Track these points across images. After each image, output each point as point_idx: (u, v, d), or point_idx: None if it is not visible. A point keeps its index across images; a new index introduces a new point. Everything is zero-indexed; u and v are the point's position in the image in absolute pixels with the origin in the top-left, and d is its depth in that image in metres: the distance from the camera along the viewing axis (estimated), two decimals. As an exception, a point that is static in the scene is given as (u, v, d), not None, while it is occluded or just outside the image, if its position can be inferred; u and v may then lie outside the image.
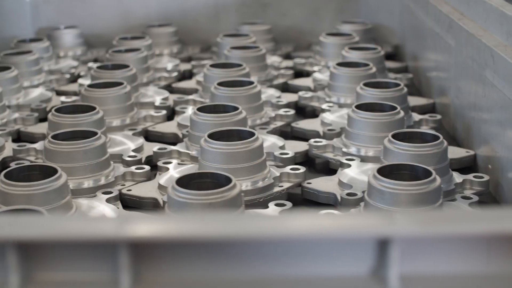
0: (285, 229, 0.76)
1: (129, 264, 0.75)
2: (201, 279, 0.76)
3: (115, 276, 0.75)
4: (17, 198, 1.46)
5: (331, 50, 2.64)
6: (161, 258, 0.76)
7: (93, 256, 0.76)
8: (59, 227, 0.76)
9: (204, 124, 1.83)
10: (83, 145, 1.68)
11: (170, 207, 1.44)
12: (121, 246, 0.74)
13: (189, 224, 0.76)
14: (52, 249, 0.77)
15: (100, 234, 0.74)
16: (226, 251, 0.76)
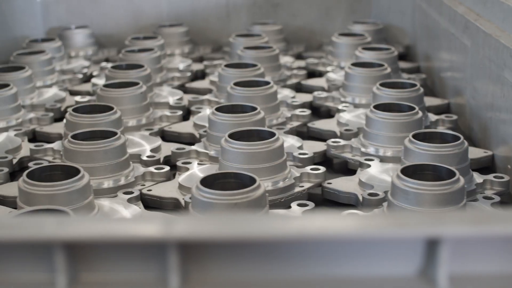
0: (333, 229, 0.75)
1: (178, 264, 0.74)
2: (251, 279, 0.75)
3: (164, 276, 0.75)
4: (39, 198, 1.46)
5: (344, 50, 2.63)
6: (209, 258, 0.75)
7: (141, 256, 0.75)
8: (106, 228, 0.75)
9: (222, 124, 1.83)
10: (104, 145, 1.68)
11: (194, 207, 1.44)
12: (170, 246, 0.74)
13: (237, 224, 0.75)
14: (100, 249, 0.76)
15: (149, 235, 0.74)
16: (274, 251, 0.76)
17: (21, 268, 0.76)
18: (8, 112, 2.10)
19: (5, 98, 2.10)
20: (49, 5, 2.99)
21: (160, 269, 0.75)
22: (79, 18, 3.00)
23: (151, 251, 0.75)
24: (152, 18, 2.99)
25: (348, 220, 0.78)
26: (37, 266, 0.76)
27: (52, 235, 0.74)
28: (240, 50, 2.49)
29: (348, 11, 3.01)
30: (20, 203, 1.48)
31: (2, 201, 1.67)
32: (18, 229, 0.75)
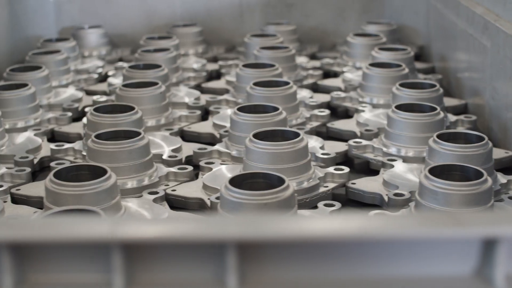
0: (391, 229, 0.75)
1: (235, 265, 0.74)
2: (308, 279, 0.75)
3: (221, 277, 0.75)
4: (67, 198, 1.45)
5: (359, 51, 2.63)
6: (266, 259, 0.75)
7: (199, 257, 0.75)
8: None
9: (245, 124, 1.83)
10: (128, 145, 1.67)
11: (223, 207, 1.44)
12: (229, 247, 0.74)
13: (295, 224, 0.75)
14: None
15: (208, 236, 0.73)
16: (332, 252, 0.76)
17: (77, 269, 0.76)
18: (27, 112, 2.10)
19: (24, 98, 2.09)
20: (62, 4, 2.99)
21: (217, 269, 0.75)
22: (92, 18, 2.99)
23: (209, 252, 0.75)
24: (166, 18, 2.99)
25: (405, 220, 0.78)
26: (93, 266, 0.75)
27: (110, 235, 0.74)
28: (256, 50, 2.49)
29: (361, 12, 3.01)
30: (48, 203, 1.48)
31: (26, 201, 1.67)
32: (74, 229, 0.75)
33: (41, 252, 0.75)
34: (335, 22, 3.01)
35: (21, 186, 1.72)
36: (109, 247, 0.74)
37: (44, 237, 0.74)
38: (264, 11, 3.01)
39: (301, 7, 3.00)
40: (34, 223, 0.78)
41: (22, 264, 0.75)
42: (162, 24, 2.98)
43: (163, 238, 0.74)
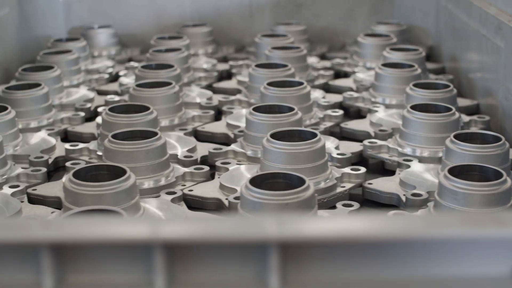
0: (432, 229, 0.75)
1: (278, 265, 0.74)
2: (352, 279, 0.75)
3: (263, 277, 0.75)
4: (87, 198, 1.45)
5: (370, 51, 2.64)
6: (309, 259, 0.75)
7: (240, 257, 0.75)
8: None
9: (261, 124, 1.83)
10: (145, 145, 1.67)
11: (243, 207, 1.44)
12: (271, 247, 0.74)
13: (337, 224, 0.75)
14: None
15: (251, 236, 0.73)
16: (377, 252, 0.75)
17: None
18: (40, 112, 2.10)
19: (37, 98, 2.09)
20: (72, 4, 2.99)
21: (259, 269, 0.75)
22: (101, 18, 2.99)
23: (252, 252, 0.75)
24: (175, 18, 2.99)
25: (447, 220, 0.77)
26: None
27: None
28: (268, 50, 2.49)
29: (370, 12, 3.01)
30: (67, 203, 1.47)
31: (42, 201, 1.67)
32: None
33: (81, 253, 0.75)
34: (345, 22, 3.01)
35: (37, 186, 1.71)
36: (151, 247, 0.74)
37: (85, 237, 0.74)
38: (274, 11, 3.01)
39: (310, 7, 2.99)
40: (74, 223, 0.77)
41: (62, 265, 0.75)
42: (171, 24, 2.98)
43: (204, 238, 0.73)
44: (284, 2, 2.99)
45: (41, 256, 0.74)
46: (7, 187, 1.67)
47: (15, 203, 1.58)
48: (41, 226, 0.74)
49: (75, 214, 1.33)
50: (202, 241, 0.74)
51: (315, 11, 3.00)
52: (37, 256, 0.75)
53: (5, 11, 2.70)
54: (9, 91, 2.09)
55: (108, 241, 0.75)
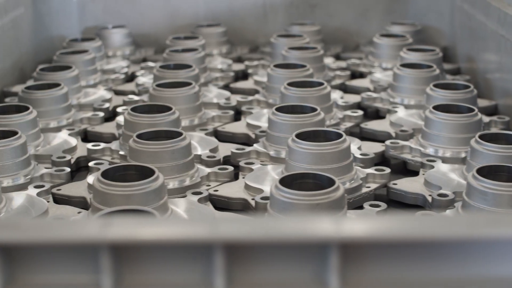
0: (485, 229, 0.75)
1: (338, 265, 0.74)
2: (408, 280, 0.75)
3: (323, 277, 0.75)
4: (116, 198, 1.45)
5: (385, 51, 2.64)
6: (368, 259, 0.75)
7: (300, 257, 0.75)
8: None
9: (284, 125, 1.83)
10: (171, 145, 1.67)
11: (273, 207, 1.44)
12: (333, 247, 0.74)
13: (396, 224, 0.75)
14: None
15: (317, 235, 0.73)
16: (429, 252, 0.75)
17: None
18: (59, 112, 2.09)
19: (57, 98, 2.09)
20: (86, 4, 2.98)
21: (319, 270, 0.75)
22: (115, 18, 2.99)
23: (315, 251, 0.75)
24: (189, 18, 2.98)
25: (498, 219, 0.77)
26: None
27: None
28: (285, 50, 2.48)
29: (384, 12, 3.01)
30: (95, 204, 1.47)
31: (68, 201, 1.67)
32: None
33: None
34: (359, 23, 3.01)
35: (62, 186, 1.71)
36: (211, 247, 0.74)
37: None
38: (288, 12, 3.01)
39: (324, 8, 2.99)
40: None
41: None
42: (185, 24, 2.98)
43: (265, 238, 0.73)
44: (298, 2, 2.99)
45: (100, 256, 0.74)
46: (32, 187, 1.67)
47: (42, 203, 1.58)
48: (100, 226, 0.74)
49: (107, 214, 1.32)
50: (261, 241, 0.74)
51: (329, 11, 3.00)
52: (96, 256, 0.75)
53: (20, 10, 2.70)
54: (29, 91, 2.09)
55: (167, 241, 0.75)
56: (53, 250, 0.76)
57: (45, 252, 0.77)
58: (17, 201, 1.60)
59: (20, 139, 1.73)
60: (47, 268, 0.77)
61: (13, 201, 1.59)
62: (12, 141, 1.72)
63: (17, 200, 1.60)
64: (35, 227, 0.77)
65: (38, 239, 0.75)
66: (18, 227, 0.77)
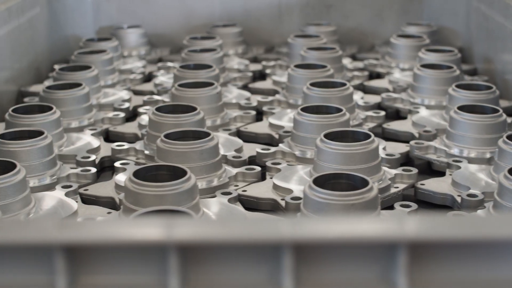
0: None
1: (406, 266, 0.74)
2: (473, 279, 0.75)
3: (390, 277, 0.74)
4: (149, 198, 1.45)
5: (403, 52, 2.64)
6: (440, 259, 0.75)
7: (365, 257, 0.75)
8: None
9: (310, 125, 1.83)
10: (200, 145, 1.67)
11: (307, 207, 1.43)
12: (401, 247, 0.74)
13: (461, 224, 0.75)
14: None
15: (379, 235, 0.73)
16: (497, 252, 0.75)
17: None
18: (81, 112, 2.09)
19: (79, 98, 2.08)
20: (100, 4, 2.98)
21: (386, 269, 0.74)
22: (130, 18, 2.98)
23: (379, 251, 0.74)
24: (204, 18, 2.98)
25: None
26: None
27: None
28: (303, 51, 2.48)
29: (399, 13, 3.01)
30: (128, 204, 1.47)
31: (95, 201, 1.66)
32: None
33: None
34: (374, 23, 3.01)
35: (89, 186, 1.71)
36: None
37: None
38: (303, 12, 3.00)
39: (340, 8, 2.99)
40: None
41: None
42: (200, 24, 2.98)
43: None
44: (313, 2, 2.99)
45: (168, 256, 0.74)
46: (59, 187, 1.66)
47: (71, 204, 1.58)
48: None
49: (142, 214, 1.32)
50: (329, 241, 0.74)
51: (344, 11, 3.00)
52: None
53: (36, 10, 2.69)
54: (50, 91, 2.08)
55: (234, 242, 0.75)
56: (118, 250, 0.76)
57: (109, 252, 0.76)
58: (46, 201, 1.59)
59: (46, 139, 1.73)
60: (111, 269, 0.77)
61: (42, 202, 1.59)
62: (39, 141, 1.71)
63: (46, 200, 1.60)
64: (98, 228, 0.77)
65: (102, 239, 0.75)
66: (82, 227, 0.76)
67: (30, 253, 0.75)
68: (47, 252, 0.75)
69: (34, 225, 0.76)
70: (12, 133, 1.76)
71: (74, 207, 1.56)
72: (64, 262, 0.74)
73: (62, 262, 0.74)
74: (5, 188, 1.50)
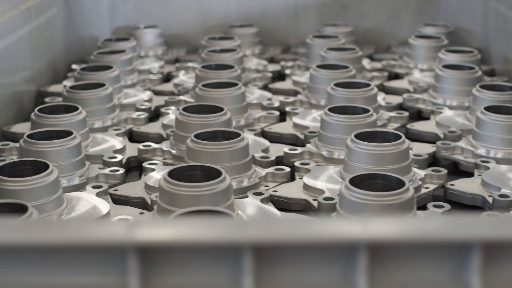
0: None
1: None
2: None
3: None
4: (184, 199, 1.44)
5: (421, 53, 2.64)
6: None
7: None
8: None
9: (338, 126, 1.83)
10: (230, 145, 1.67)
11: (343, 207, 1.43)
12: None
13: None
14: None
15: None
16: None
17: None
18: (105, 112, 2.08)
19: (102, 98, 2.08)
20: (116, 4, 2.97)
21: (459, 269, 0.74)
22: (146, 18, 2.98)
23: (452, 251, 0.74)
24: (220, 18, 2.98)
25: None
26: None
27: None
28: (323, 51, 2.48)
29: (416, 13, 3.01)
30: (163, 204, 1.47)
31: (125, 201, 1.66)
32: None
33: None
34: (390, 24, 3.01)
35: (118, 187, 1.71)
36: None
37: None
38: (320, 12, 3.00)
39: (357, 8, 2.99)
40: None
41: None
42: (216, 24, 2.98)
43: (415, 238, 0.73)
44: (330, 3, 2.99)
45: (242, 256, 0.74)
46: (90, 187, 1.66)
47: (103, 205, 1.57)
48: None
49: (183, 214, 1.32)
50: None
51: (361, 12, 3.00)
52: (237, 256, 0.74)
53: (53, 10, 2.69)
54: (74, 91, 2.08)
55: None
56: (191, 251, 0.76)
57: (181, 253, 0.76)
58: (78, 202, 1.59)
59: (75, 139, 1.72)
60: (183, 269, 0.77)
61: (73, 202, 1.58)
62: (68, 141, 1.71)
63: (77, 201, 1.59)
64: (169, 227, 0.77)
65: (174, 240, 0.75)
66: (154, 226, 0.76)
67: (102, 253, 0.75)
68: (120, 252, 0.75)
69: (107, 225, 0.76)
70: (40, 133, 1.76)
71: (107, 207, 1.56)
72: (137, 263, 0.74)
73: (135, 263, 0.74)
74: (39, 188, 1.50)
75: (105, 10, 2.97)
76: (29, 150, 1.69)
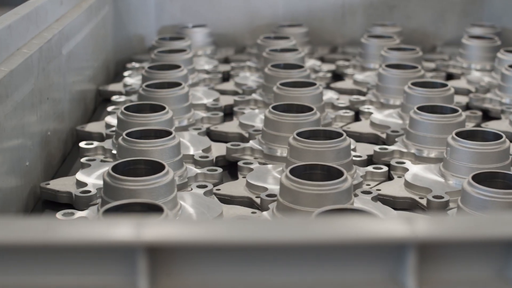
0: None
1: None
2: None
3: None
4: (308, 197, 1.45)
5: (475, 53, 2.67)
6: None
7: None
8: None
9: (430, 125, 1.85)
10: (334, 144, 1.67)
11: (466, 204, 1.45)
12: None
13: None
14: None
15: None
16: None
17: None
18: (182, 111, 2.08)
19: (180, 97, 2.07)
20: (163, 3, 2.96)
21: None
22: (192, 17, 2.97)
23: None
24: (268, 18, 2.98)
25: None
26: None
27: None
28: (384, 51, 2.50)
29: (461, 14, 3.05)
30: (286, 203, 1.47)
31: (230, 201, 1.66)
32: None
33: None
34: (436, 24, 3.04)
35: (219, 186, 1.71)
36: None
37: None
38: (367, 12, 3.02)
39: (403, 9, 3.02)
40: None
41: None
42: (263, 24, 2.98)
43: None
44: (377, 3, 3.01)
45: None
46: (195, 187, 1.66)
47: (217, 204, 1.57)
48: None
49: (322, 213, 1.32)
50: None
51: (407, 12, 3.03)
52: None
53: (106, 9, 2.67)
54: (151, 89, 2.07)
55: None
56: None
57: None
58: (189, 201, 1.58)
59: (175, 139, 1.72)
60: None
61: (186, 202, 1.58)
62: (169, 141, 1.70)
63: (188, 200, 1.59)
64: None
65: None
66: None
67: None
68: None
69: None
70: (138, 132, 1.75)
71: (220, 207, 1.56)
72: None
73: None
74: (158, 188, 1.49)
75: (152, 9, 2.95)
76: (131, 149, 1.68)
